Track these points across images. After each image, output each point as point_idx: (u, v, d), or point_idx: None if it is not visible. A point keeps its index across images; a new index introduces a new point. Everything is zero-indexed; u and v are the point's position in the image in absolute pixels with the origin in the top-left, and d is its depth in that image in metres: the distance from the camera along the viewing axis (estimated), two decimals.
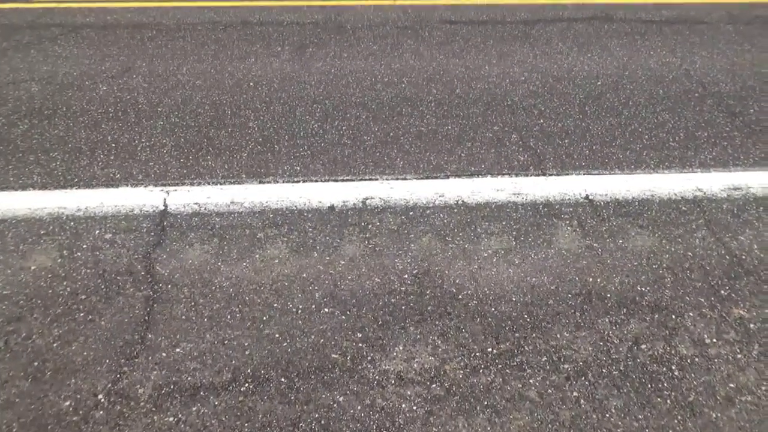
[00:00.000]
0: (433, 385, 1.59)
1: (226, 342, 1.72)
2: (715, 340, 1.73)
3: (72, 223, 2.21)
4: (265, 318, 1.81)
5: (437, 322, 1.80)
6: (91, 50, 4.00)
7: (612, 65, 3.78)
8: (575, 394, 1.57)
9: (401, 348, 1.71)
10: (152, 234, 2.16)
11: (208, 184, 2.48)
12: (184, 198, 2.37)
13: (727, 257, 2.04)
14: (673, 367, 1.64)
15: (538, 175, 2.55)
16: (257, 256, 2.06)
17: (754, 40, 4.27)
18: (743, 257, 2.04)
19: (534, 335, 1.75)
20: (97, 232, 2.16)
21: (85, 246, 2.09)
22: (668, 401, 1.55)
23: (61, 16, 4.76)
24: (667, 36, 4.35)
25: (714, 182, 2.47)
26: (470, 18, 4.80)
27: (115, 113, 3.09)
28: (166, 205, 2.31)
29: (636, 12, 5.00)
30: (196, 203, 2.34)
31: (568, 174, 2.56)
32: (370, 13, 4.94)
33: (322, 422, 1.50)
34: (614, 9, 5.08)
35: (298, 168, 2.60)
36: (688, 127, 2.96)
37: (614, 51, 4.04)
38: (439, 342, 1.73)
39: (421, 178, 2.53)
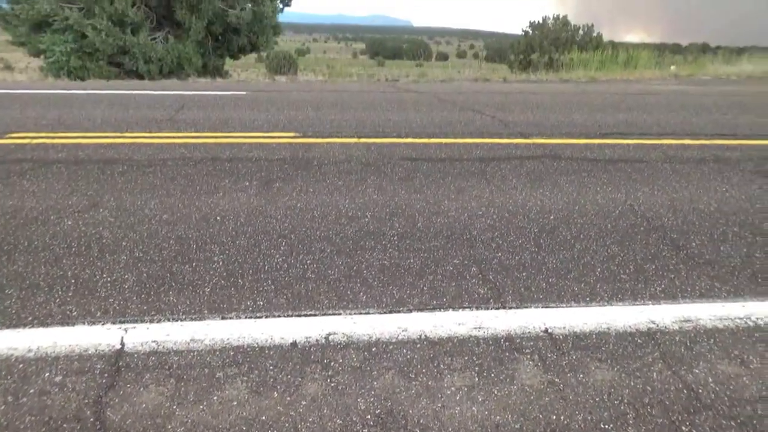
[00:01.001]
0: None
1: None
2: None
3: (21, 365, 2.12)
4: None
5: None
6: (59, 185, 4.07)
7: (563, 200, 4.03)
8: None
9: None
10: (106, 376, 2.08)
11: (169, 320, 2.44)
12: (143, 336, 2.32)
13: (685, 391, 2.07)
14: None
15: (498, 308, 2.61)
16: (215, 398, 1.99)
17: (689, 178, 4.65)
18: (700, 391, 2.07)
19: None
20: (48, 374, 2.07)
21: (32, 390, 1.99)
22: None
23: (33, 152, 4.88)
24: (612, 173, 4.70)
25: (665, 314, 2.57)
26: (430, 155, 5.12)
27: (78, 248, 3.09)
28: (123, 344, 2.26)
29: (582, 151, 5.43)
30: (154, 341, 2.28)
31: (527, 307, 2.62)
32: (336, 150, 5.23)
33: None
34: (562, 148, 5.51)
35: (262, 303, 2.60)
36: (637, 260, 3.12)
37: (564, 187, 4.33)
38: None
39: (384, 313, 2.55)
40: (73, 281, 2.74)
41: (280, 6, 16.15)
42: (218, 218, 3.55)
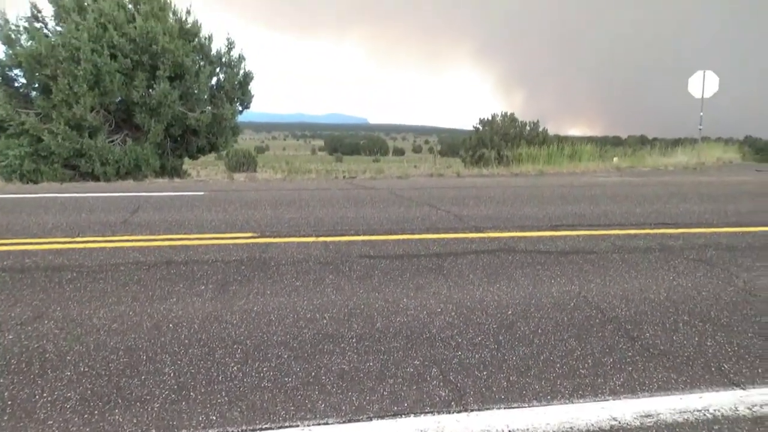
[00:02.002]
0: None
1: None
2: None
3: None
4: None
5: None
6: (2, 295, 3.90)
7: (519, 294, 4.09)
8: None
9: None
10: None
11: None
12: None
13: None
14: None
15: (460, 411, 2.55)
16: None
17: (638, 267, 4.81)
18: None
19: None
20: None
21: None
22: None
23: None
24: (564, 265, 4.83)
25: (626, 410, 2.56)
26: (387, 252, 5.17)
27: (18, 365, 2.91)
28: None
29: (535, 244, 5.58)
30: None
31: (489, 408, 2.58)
32: (293, 249, 5.22)
33: None
34: (516, 241, 5.66)
35: (214, 417, 2.47)
36: (595, 353, 3.15)
37: (520, 280, 4.40)
38: None
39: (344, 422, 2.46)
40: (9, 403, 2.56)
41: (240, 108, 16.64)
42: (171, 326, 3.44)
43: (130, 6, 14.44)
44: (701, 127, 20.21)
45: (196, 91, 14.76)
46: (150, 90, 13.79)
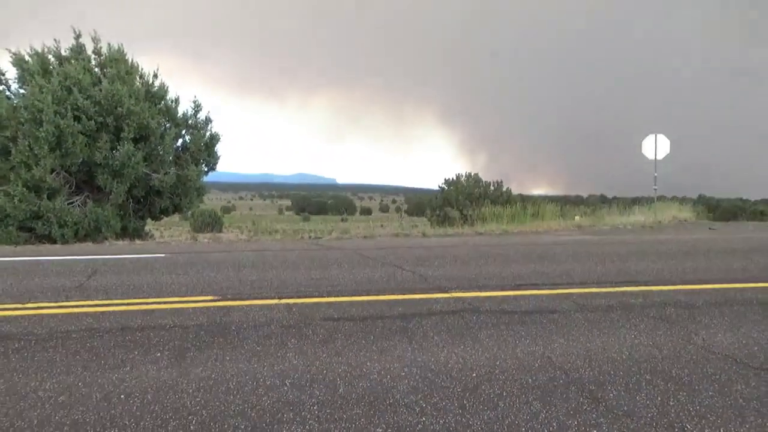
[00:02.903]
0: None
1: None
2: None
3: None
4: None
5: None
6: None
7: (484, 356, 4.06)
8: None
9: None
10: None
11: None
12: None
13: None
14: None
15: None
16: None
17: (601, 326, 4.86)
18: None
19: None
20: None
21: None
22: None
23: None
24: (528, 325, 4.84)
25: None
26: (352, 314, 5.10)
27: None
28: None
29: (499, 304, 5.60)
30: None
31: None
32: (255, 312, 5.11)
33: None
34: (480, 301, 5.67)
35: None
36: (559, 416, 3.11)
37: (484, 341, 4.38)
38: None
39: None
40: None
41: (206, 169, 16.59)
42: (122, 397, 3.27)
43: (96, 69, 14.51)
44: (656, 187, 21.03)
45: (160, 153, 14.70)
46: (114, 151, 13.67)
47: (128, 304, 5.37)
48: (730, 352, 4.22)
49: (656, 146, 20.10)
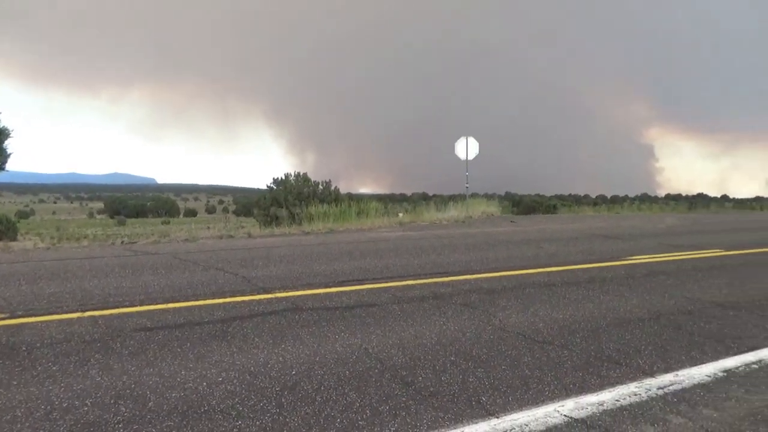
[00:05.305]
0: None
1: None
2: None
3: None
4: None
5: None
6: None
7: (304, 353, 4.11)
8: None
9: None
10: None
11: None
12: None
13: None
14: None
15: None
16: None
17: (415, 315, 5.20)
18: None
19: None
20: None
21: None
22: None
23: None
24: (349, 320, 5.01)
25: None
26: (167, 322, 4.83)
27: None
28: None
29: (322, 301, 5.71)
30: None
31: None
32: (53, 329, 4.60)
33: None
34: (303, 300, 5.73)
35: None
36: (373, 403, 3.28)
37: (305, 339, 4.44)
38: None
39: None
40: None
41: None
42: None
43: None
44: (467, 185, 23.02)
45: None
46: None
47: None
48: (521, 330, 4.80)
49: (467, 148, 22.00)
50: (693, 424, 3.08)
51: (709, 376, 3.80)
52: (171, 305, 5.45)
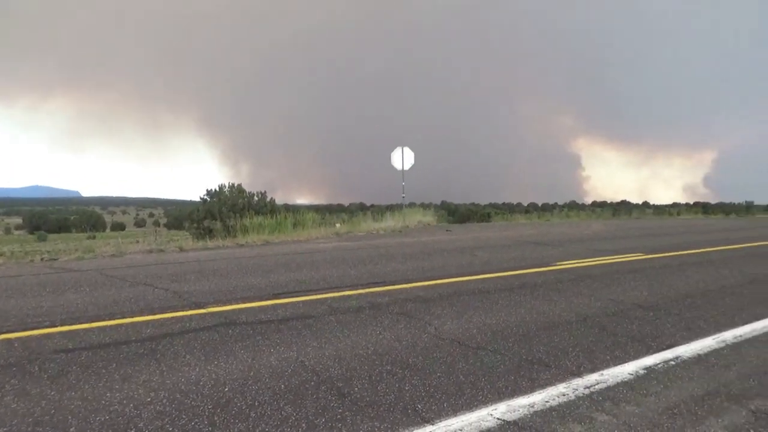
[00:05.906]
0: None
1: None
2: None
3: None
4: None
5: None
6: None
7: (238, 369, 4.01)
8: None
9: None
10: None
11: None
12: None
13: None
14: None
15: None
16: None
17: (351, 326, 5.19)
18: None
19: None
20: None
21: None
22: None
23: None
24: (284, 333, 4.93)
25: None
26: (91, 342, 4.60)
27: None
28: None
29: (257, 314, 5.60)
30: None
31: None
32: None
33: None
34: (237, 314, 5.60)
35: None
36: (308, 416, 3.24)
37: (239, 354, 4.34)
38: None
39: None
40: None
41: None
42: None
43: None
44: (404, 195, 23.27)
45: None
46: None
47: None
48: (455, 337, 4.88)
49: (403, 158, 22.26)
50: (617, 420, 3.23)
51: (632, 374, 4.00)
52: (95, 324, 5.18)
